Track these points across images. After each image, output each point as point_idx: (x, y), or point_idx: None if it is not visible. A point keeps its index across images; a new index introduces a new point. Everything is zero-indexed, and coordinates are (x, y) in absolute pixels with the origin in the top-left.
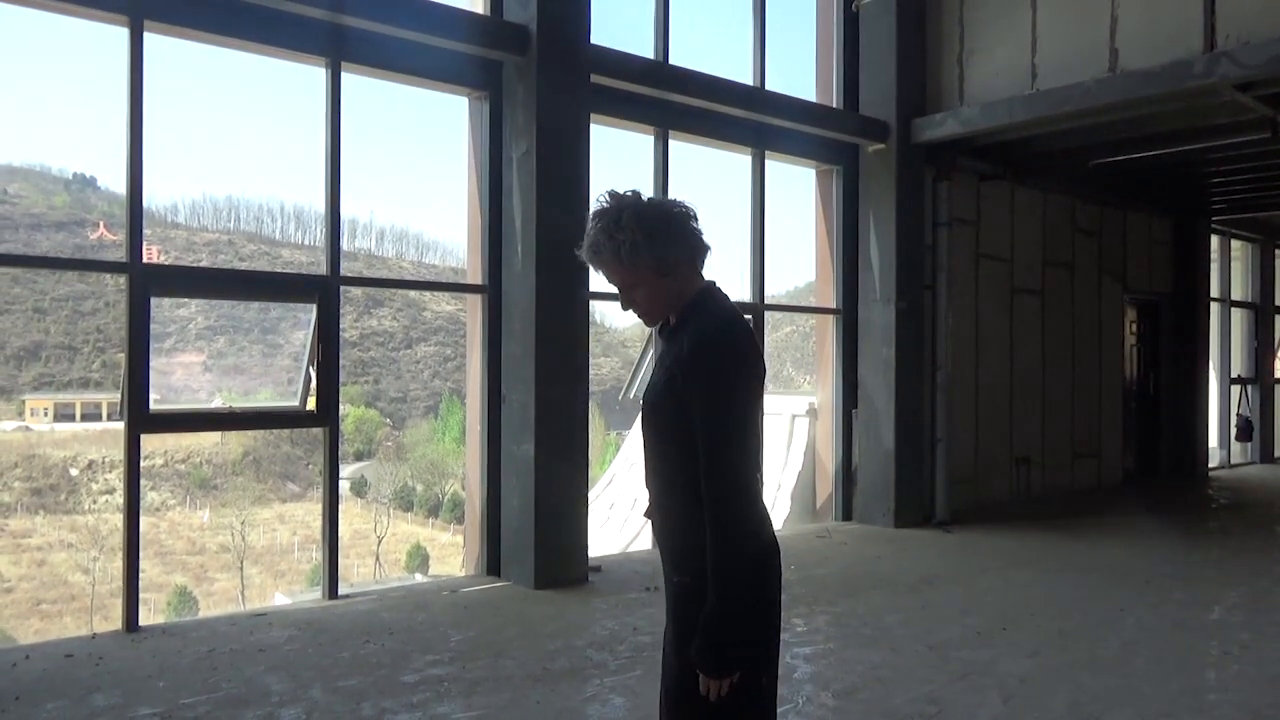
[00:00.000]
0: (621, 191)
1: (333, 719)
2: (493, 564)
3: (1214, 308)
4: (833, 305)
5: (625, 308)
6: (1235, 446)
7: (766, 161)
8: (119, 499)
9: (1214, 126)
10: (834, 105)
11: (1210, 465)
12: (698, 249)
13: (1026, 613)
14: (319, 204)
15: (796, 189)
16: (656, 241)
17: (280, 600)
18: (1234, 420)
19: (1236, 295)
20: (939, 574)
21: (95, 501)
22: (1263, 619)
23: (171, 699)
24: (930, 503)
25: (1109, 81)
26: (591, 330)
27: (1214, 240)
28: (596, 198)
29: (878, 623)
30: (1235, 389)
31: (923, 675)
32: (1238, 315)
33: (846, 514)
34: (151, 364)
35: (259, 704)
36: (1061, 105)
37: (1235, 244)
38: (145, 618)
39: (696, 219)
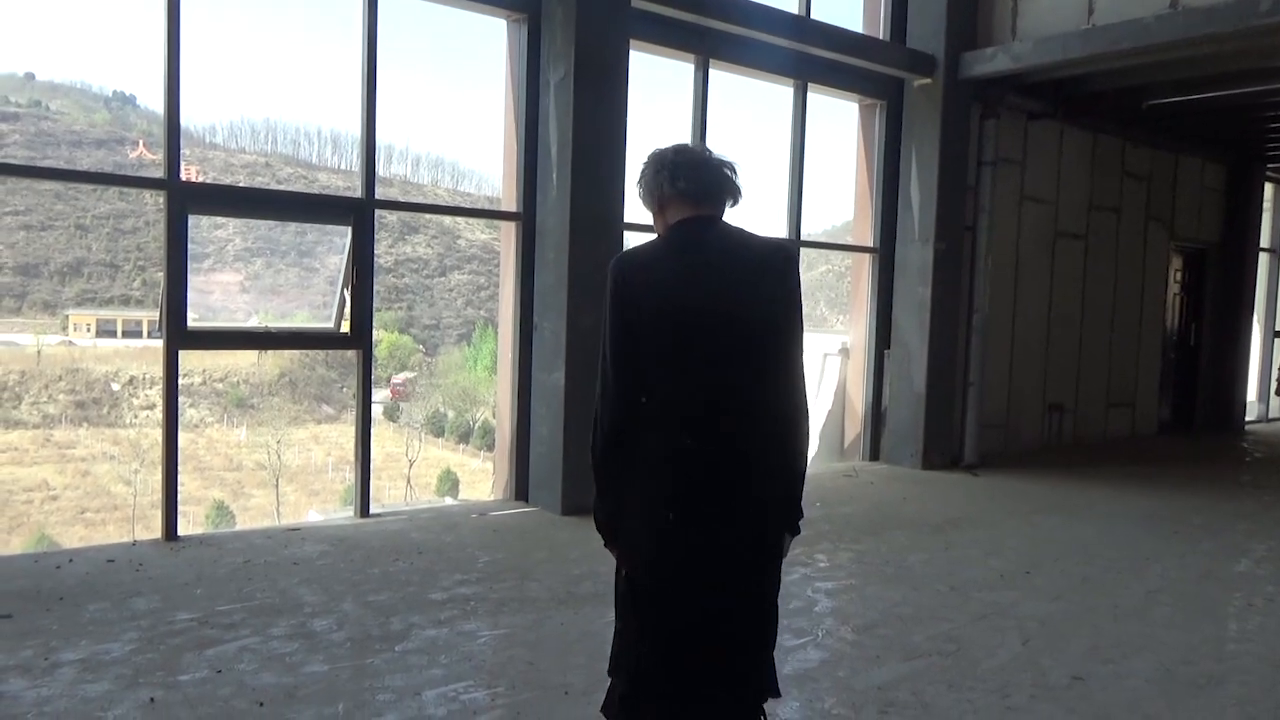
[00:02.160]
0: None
1: (362, 631)
2: (521, 489)
3: (1262, 259)
4: (870, 244)
5: None
6: (1275, 401)
7: (809, 94)
8: (159, 414)
9: (1277, 68)
10: (880, 37)
11: (1247, 419)
12: (656, 193)
13: (1050, 557)
14: (355, 129)
15: (838, 123)
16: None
17: (314, 517)
18: (1275, 374)
19: None
20: (964, 516)
21: (136, 416)
22: None
23: (208, 606)
24: (959, 446)
25: (1169, 18)
26: None
27: (1268, 189)
28: (691, 146)
29: (900, 562)
30: (1278, 343)
31: (942, 614)
32: None
33: (874, 454)
34: (189, 282)
35: (292, 614)
36: (1118, 42)
37: None
38: (184, 529)
39: (666, 163)
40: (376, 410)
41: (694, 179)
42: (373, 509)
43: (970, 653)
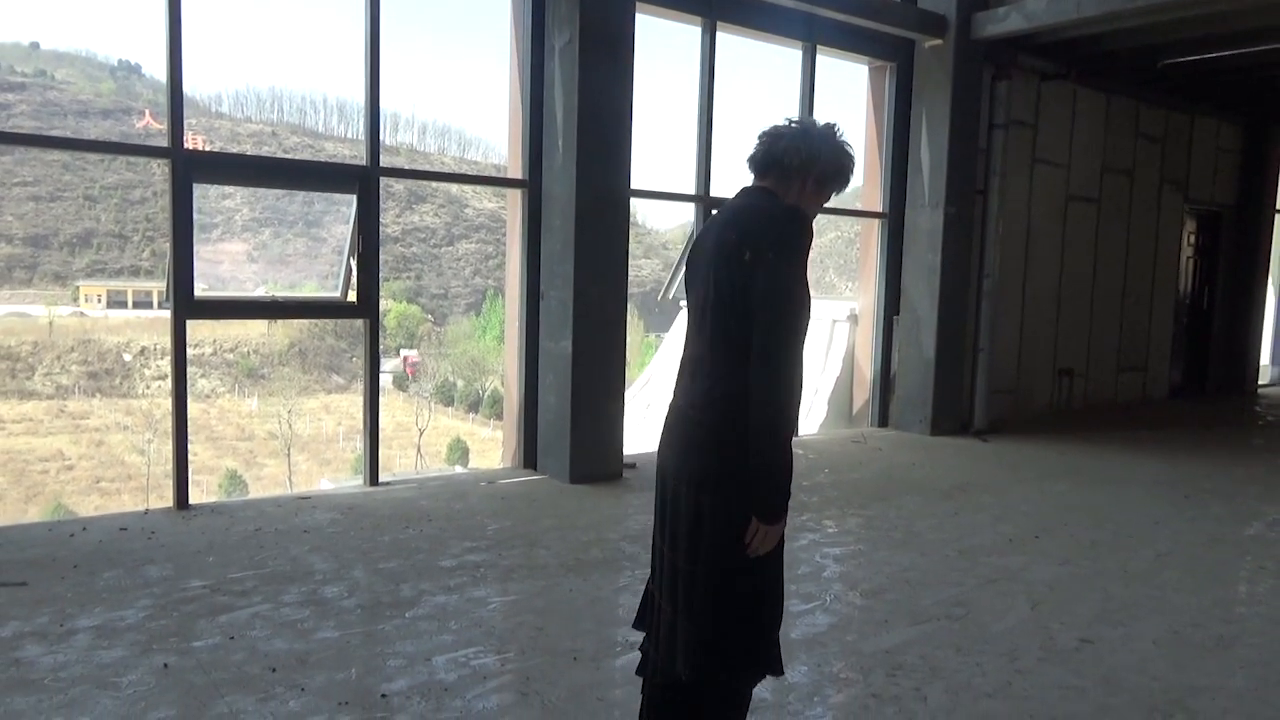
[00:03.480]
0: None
1: (373, 598)
2: (529, 458)
3: (1278, 221)
4: (879, 209)
5: None
6: None
7: (818, 56)
8: (170, 388)
9: None
10: None
11: (1260, 383)
12: None
13: (1060, 522)
14: (361, 97)
15: (848, 86)
16: None
17: (325, 486)
18: None
19: None
20: (973, 482)
21: (149, 386)
22: None
23: (220, 573)
24: (969, 412)
25: None
26: (632, 231)
27: None
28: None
29: (909, 527)
30: None
31: (951, 579)
32: None
33: (883, 420)
34: (196, 251)
35: (303, 581)
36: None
37: None
38: (197, 498)
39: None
40: (386, 380)
41: (753, 150)
42: (383, 477)
43: (979, 617)
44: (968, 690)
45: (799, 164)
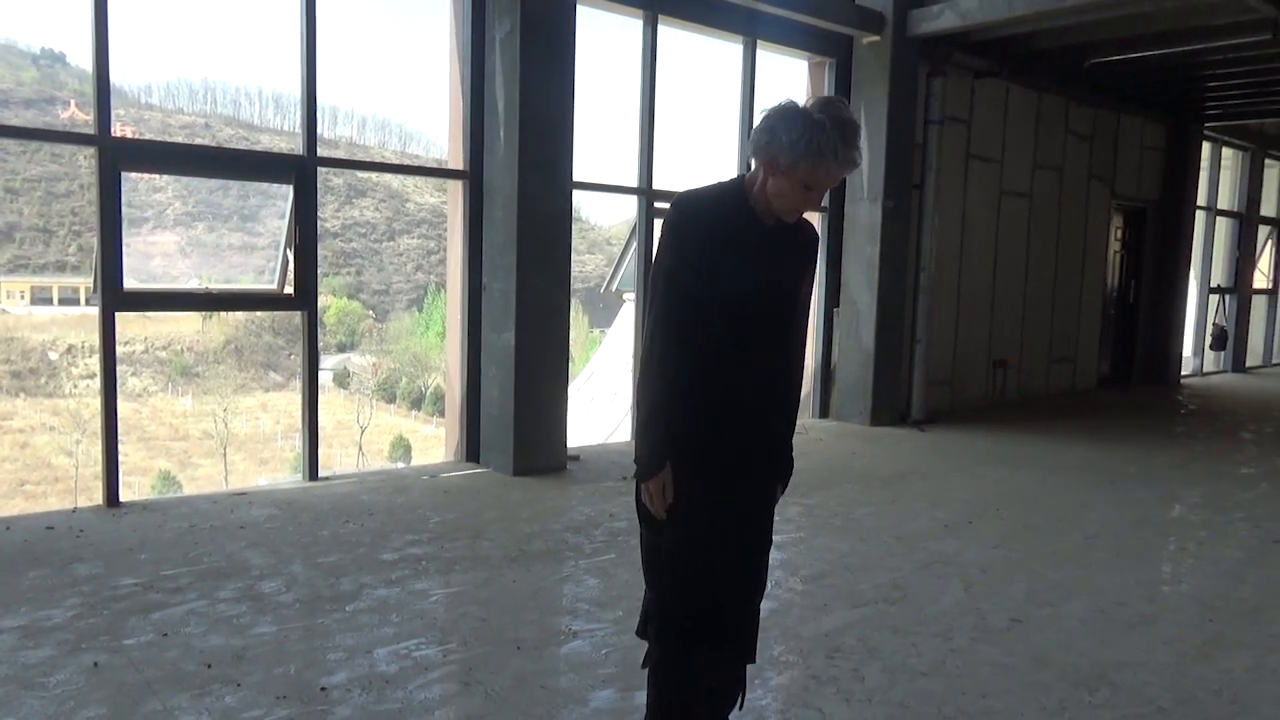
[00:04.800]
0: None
1: (313, 592)
2: (472, 451)
3: (1199, 216)
4: (819, 203)
5: (811, 208)
6: (1209, 355)
7: (758, 51)
8: (100, 383)
9: (1214, 27)
10: None
11: (1183, 373)
12: None
13: (993, 508)
14: (297, 88)
15: (787, 82)
16: None
17: (262, 483)
18: (1210, 330)
19: (1223, 204)
20: (911, 470)
21: (76, 386)
22: (1220, 518)
23: (153, 570)
24: (907, 402)
25: None
26: (576, 227)
27: (1205, 148)
28: (835, 101)
29: (848, 514)
30: (1214, 299)
31: (889, 563)
32: (1222, 224)
33: (824, 411)
34: (126, 243)
35: (240, 576)
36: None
37: (1226, 152)
38: (128, 497)
39: None
40: (326, 378)
41: None
42: (322, 474)
43: (915, 599)
44: (904, 670)
45: (760, 146)
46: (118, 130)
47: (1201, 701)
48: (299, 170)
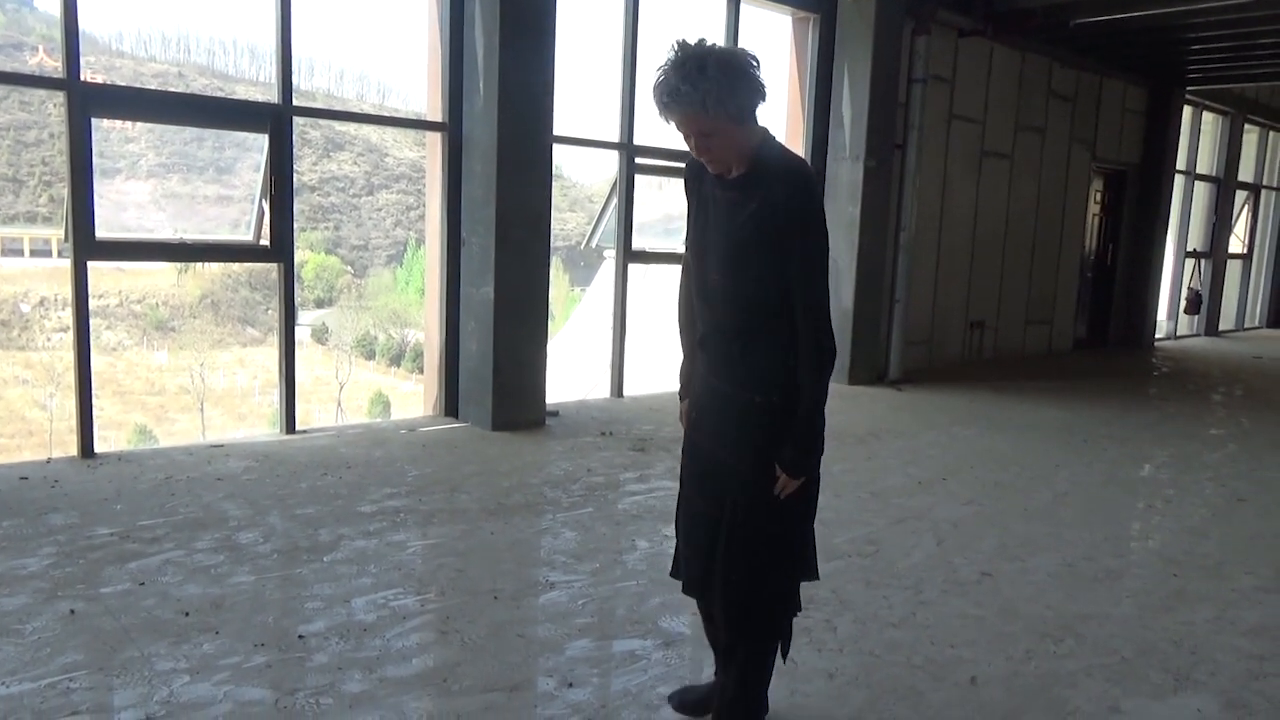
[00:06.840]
0: (692, 40)
1: (290, 543)
2: (451, 405)
3: (1177, 180)
4: None
5: (699, 155)
6: (1183, 319)
7: (742, 6)
8: (73, 332)
9: None
10: None
11: (1158, 336)
12: (765, 98)
13: (967, 465)
14: (272, 36)
15: (771, 38)
16: (739, 90)
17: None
18: (1185, 293)
19: (1202, 169)
20: (887, 429)
21: (49, 339)
22: (1188, 477)
23: (129, 521)
24: (884, 362)
25: None
26: (557, 184)
27: (1186, 111)
28: (670, 45)
29: (824, 471)
30: (1190, 263)
31: (863, 519)
32: (1200, 189)
33: None
34: (97, 191)
35: (217, 527)
36: None
37: (1206, 116)
38: (103, 449)
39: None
40: (305, 334)
41: (765, 92)
42: (299, 428)
43: (888, 553)
44: (875, 620)
45: None
46: (88, 77)
47: (1163, 652)
48: (274, 119)
